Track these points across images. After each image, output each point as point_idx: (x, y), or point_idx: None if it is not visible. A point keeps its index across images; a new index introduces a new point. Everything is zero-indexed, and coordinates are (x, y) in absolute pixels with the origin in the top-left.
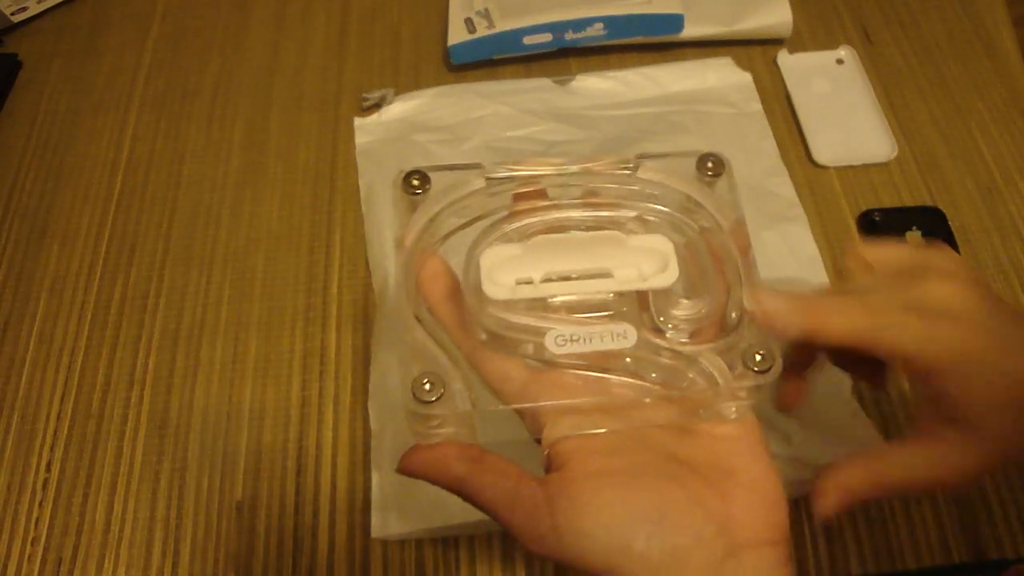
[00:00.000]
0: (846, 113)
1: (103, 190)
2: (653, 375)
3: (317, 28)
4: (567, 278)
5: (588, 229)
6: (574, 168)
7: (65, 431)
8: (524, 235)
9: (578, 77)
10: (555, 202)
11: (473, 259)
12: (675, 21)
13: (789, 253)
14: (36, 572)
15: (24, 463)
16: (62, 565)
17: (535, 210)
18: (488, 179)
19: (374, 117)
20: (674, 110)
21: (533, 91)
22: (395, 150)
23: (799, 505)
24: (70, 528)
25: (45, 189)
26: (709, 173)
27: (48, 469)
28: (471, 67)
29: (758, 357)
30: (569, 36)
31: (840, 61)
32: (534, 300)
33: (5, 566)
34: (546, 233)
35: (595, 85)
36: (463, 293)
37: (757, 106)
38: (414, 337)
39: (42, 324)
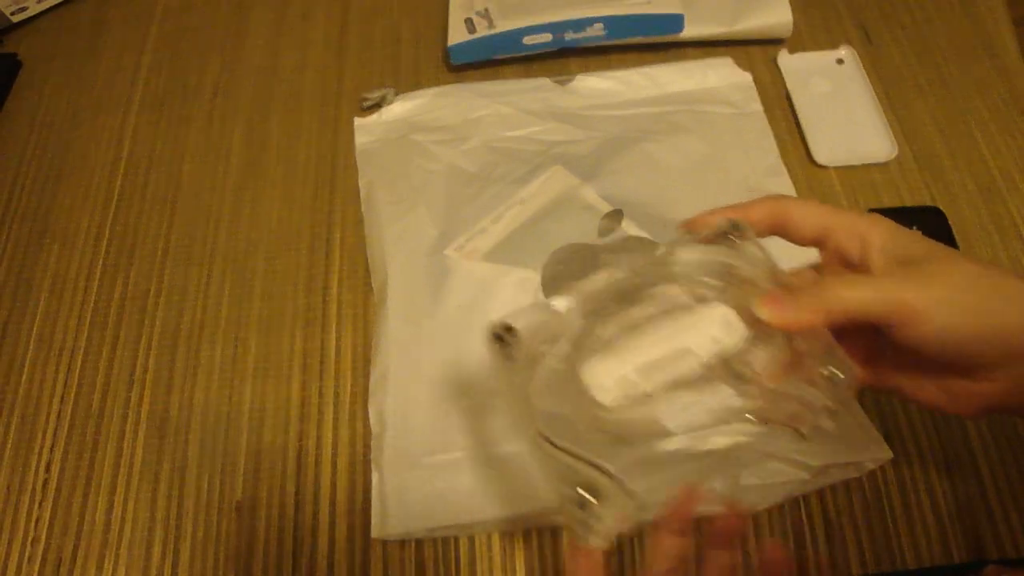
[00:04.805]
0: (846, 113)
1: (103, 190)
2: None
3: (317, 28)
4: (656, 364)
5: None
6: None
7: (65, 431)
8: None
9: (578, 77)
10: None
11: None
12: (675, 21)
13: (788, 253)
14: (36, 572)
15: (24, 463)
16: (62, 565)
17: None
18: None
19: (374, 117)
20: (674, 110)
21: (533, 91)
22: (395, 150)
23: (799, 505)
24: (70, 528)
25: (45, 189)
26: (735, 239)
27: (48, 469)
28: (471, 67)
29: (827, 372)
30: (569, 36)
31: (840, 61)
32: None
33: (5, 566)
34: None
35: (595, 85)
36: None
37: (757, 106)
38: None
39: (42, 324)
